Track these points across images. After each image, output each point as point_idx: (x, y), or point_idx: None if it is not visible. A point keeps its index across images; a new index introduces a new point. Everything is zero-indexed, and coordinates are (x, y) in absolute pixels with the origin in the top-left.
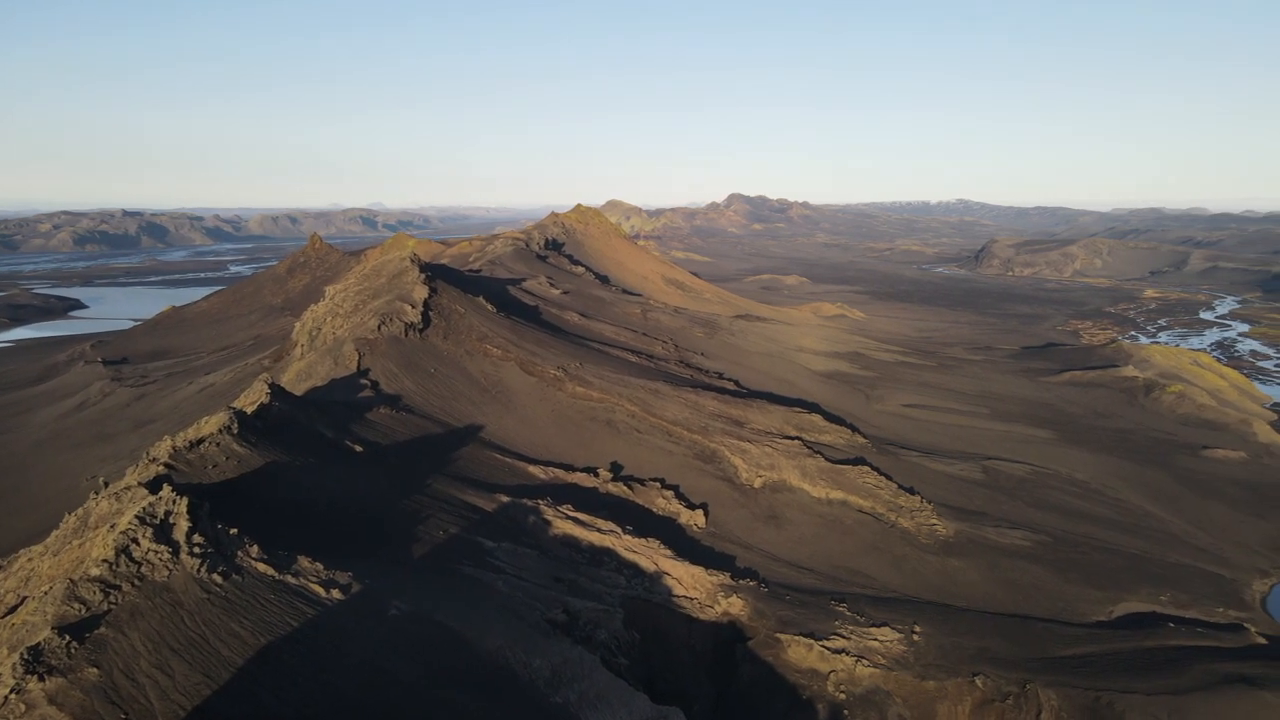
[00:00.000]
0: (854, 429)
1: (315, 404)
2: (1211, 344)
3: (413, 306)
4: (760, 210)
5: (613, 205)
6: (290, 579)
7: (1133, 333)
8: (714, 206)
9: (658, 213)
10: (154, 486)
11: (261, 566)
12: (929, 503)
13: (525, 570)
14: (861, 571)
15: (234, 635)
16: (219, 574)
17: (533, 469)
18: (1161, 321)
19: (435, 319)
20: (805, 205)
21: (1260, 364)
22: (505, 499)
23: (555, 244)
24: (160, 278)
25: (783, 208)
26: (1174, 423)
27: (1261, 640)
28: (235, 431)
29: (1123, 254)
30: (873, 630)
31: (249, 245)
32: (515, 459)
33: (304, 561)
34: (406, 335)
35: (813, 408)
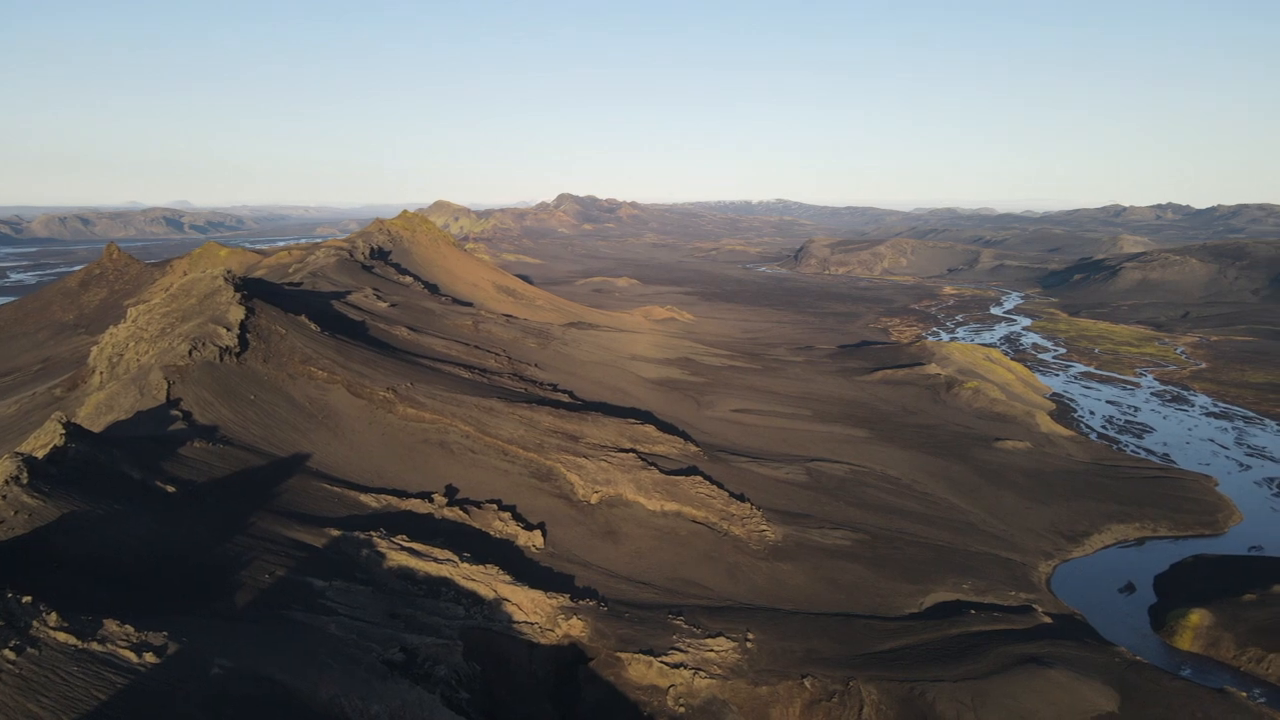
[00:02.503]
0: (687, 438)
1: (119, 442)
2: (1001, 338)
3: (227, 329)
4: (590, 210)
5: (440, 206)
6: (96, 646)
7: (935, 329)
8: (544, 207)
9: (487, 213)
10: None
11: (61, 636)
12: (758, 509)
13: (359, 609)
14: (697, 582)
15: (32, 718)
16: (10, 649)
17: (364, 498)
18: (959, 317)
19: (253, 341)
20: (634, 205)
21: (1041, 356)
22: (336, 533)
23: (381, 253)
24: None
25: (612, 208)
26: (971, 417)
27: (1047, 619)
28: (25, 481)
29: (924, 253)
30: (709, 641)
31: (32, 250)
32: (345, 488)
33: (111, 625)
34: (222, 360)
35: (646, 417)
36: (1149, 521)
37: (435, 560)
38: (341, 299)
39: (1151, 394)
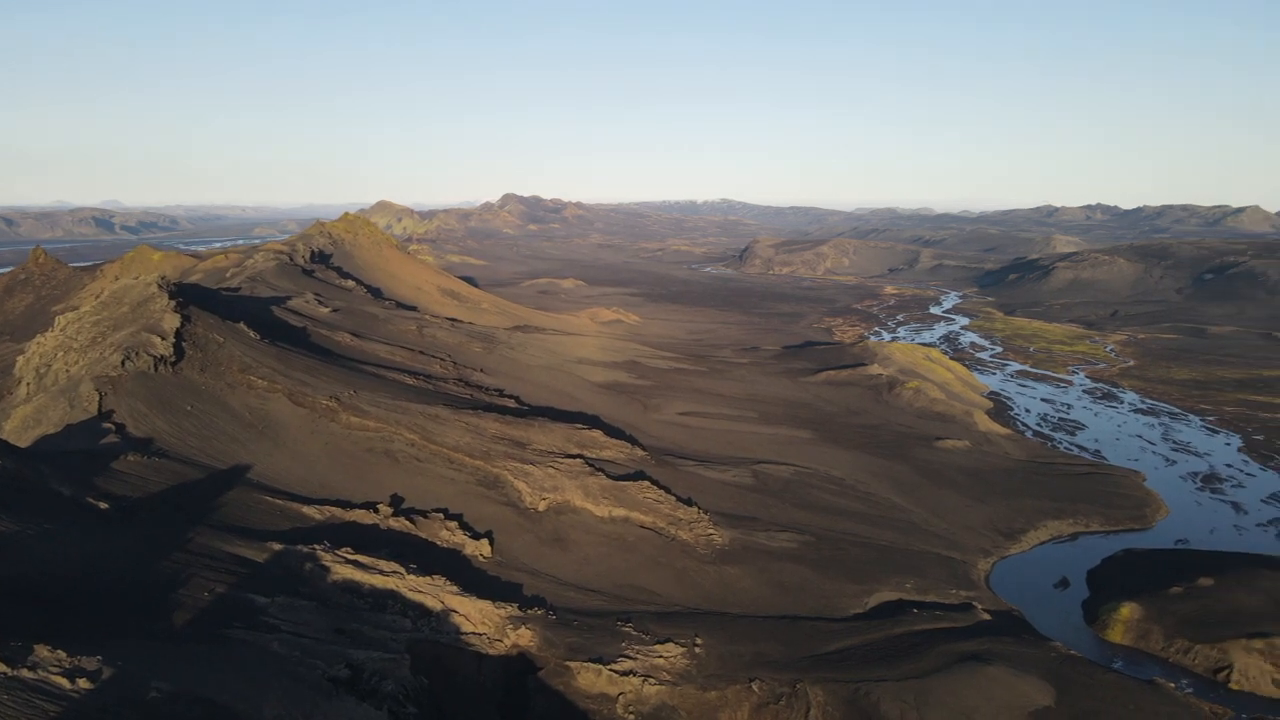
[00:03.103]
0: (634, 442)
1: (48, 457)
2: (940, 338)
3: (162, 338)
4: (535, 210)
5: (383, 206)
6: (26, 674)
7: (877, 329)
8: (489, 207)
9: (431, 214)
10: None
11: None
12: (705, 513)
13: (303, 625)
14: (645, 588)
15: None
16: None
17: (307, 509)
18: (900, 317)
19: (190, 350)
20: (579, 205)
21: (978, 355)
22: (278, 547)
23: (322, 256)
24: None
25: (557, 208)
26: (913, 416)
27: (987, 616)
28: None
29: (866, 253)
30: (658, 648)
31: None
32: (288, 500)
33: (42, 651)
34: (157, 370)
35: (594, 422)
36: (1082, 517)
37: (381, 572)
38: (282, 304)
39: (1083, 391)
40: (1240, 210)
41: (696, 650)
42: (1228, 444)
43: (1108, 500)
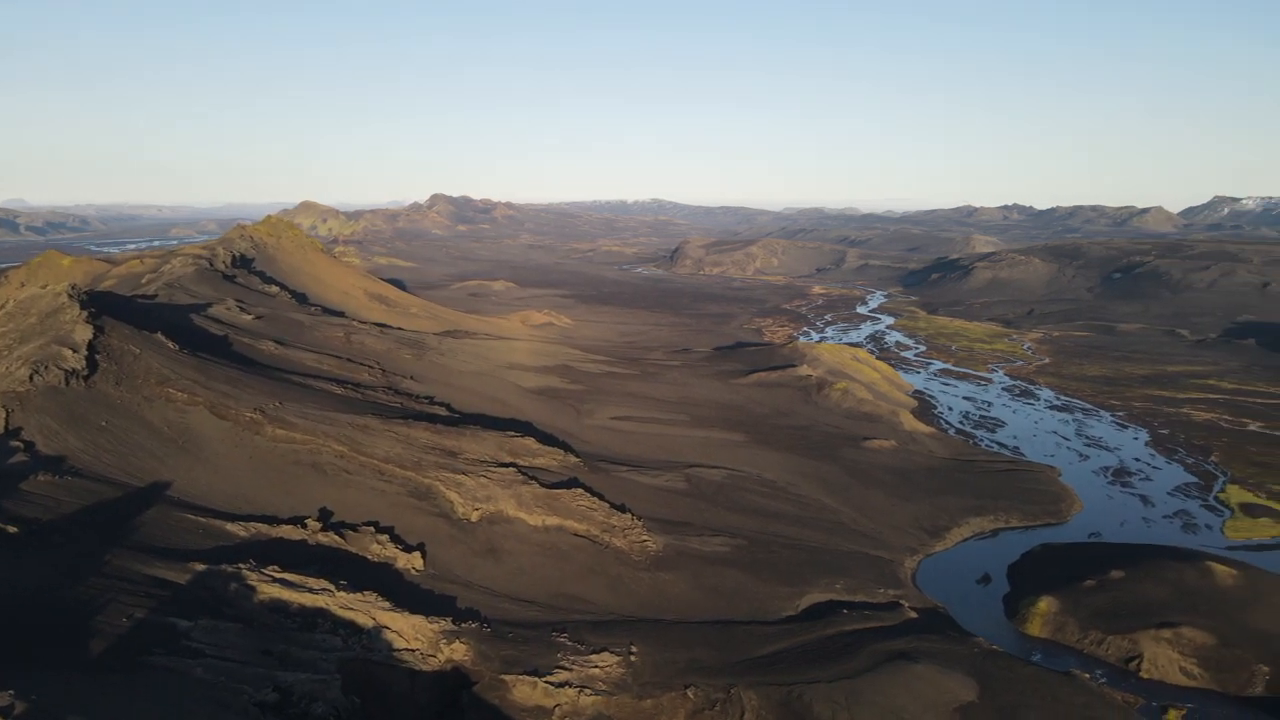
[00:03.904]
0: (567, 448)
1: None
2: (867, 337)
3: (74, 350)
4: (464, 211)
5: (307, 207)
6: None
7: (806, 329)
8: (417, 207)
9: (357, 214)
10: None
11: None
12: (639, 519)
13: (228, 649)
14: (580, 597)
15: None
16: None
17: (231, 527)
18: (828, 316)
19: (103, 363)
20: (509, 205)
21: (903, 354)
22: (201, 567)
23: (244, 260)
24: None
25: (487, 208)
26: (841, 417)
27: (913, 614)
28: None
29: (794, 253)
30: (593, 657)
31: None
32: (211, 517)
33: None
34: (68, 384)
35: (526, 428)
36: (1002, 513)
37: (310, 590)
38: (201, 312)
39: (1003, 389)
40: (1145, 211)
41: (632, 659)
42: (1136, 438)
43: (1026, 496)
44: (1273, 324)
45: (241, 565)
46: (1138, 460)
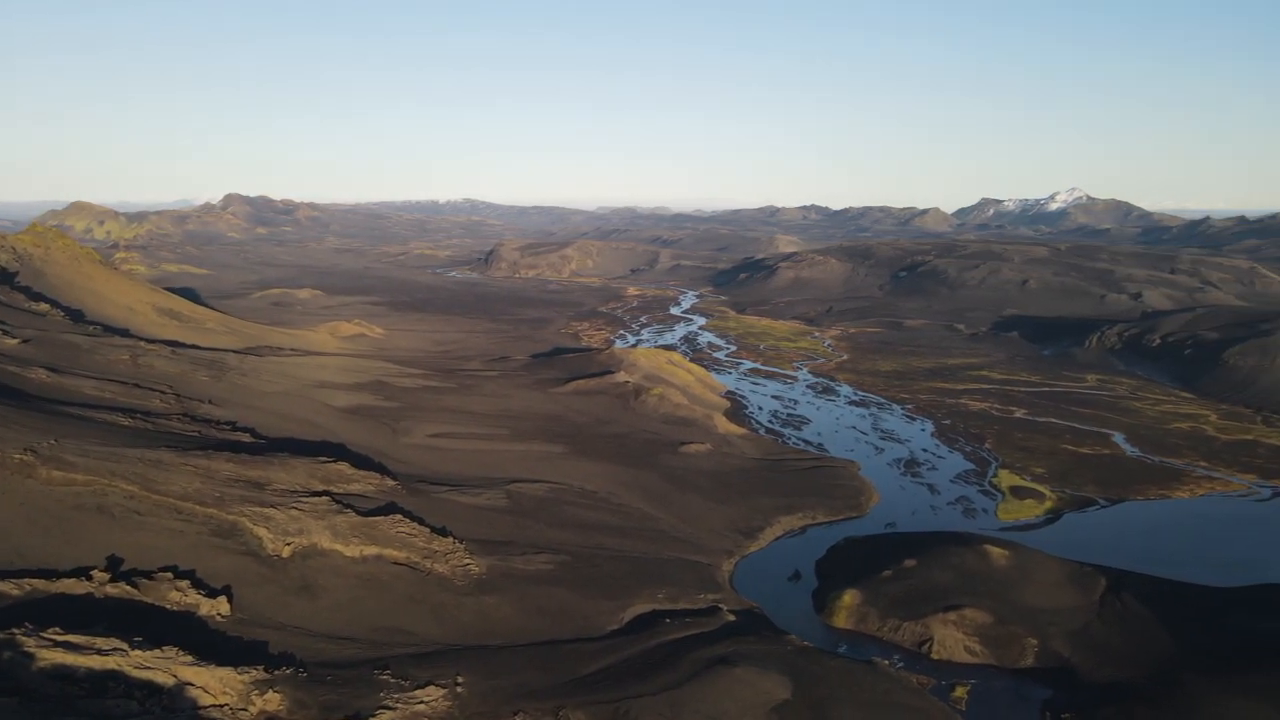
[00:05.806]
0: (384, 470)
1: None
2: (680, 338)
3: None
4: (263, 212)
5: (80, 208)
6: None
7: (622, 332)
8: (209, 208)
9: (141, 216)
10: None
11: None
12: (461, 542)
13: None
14: (403, 629)
15: None
16: None
17: (2, 586)
18: (643, 319)
19: None
20: (313, 206)
21: (715, 355)
22: None
23: (5, 275)
24: None
25: (289, 209)
26: (658, 423)
27: (732, 617)
28: None
29: (609, 254)
30: (418, 693)
31: None
32: None
33: None
34: None
35: (339, 451)
36: (809, 510)
37: (99, 651)
38: None
39: (807, 386)
40: (925, 211)
41: (458, 690)
42: (923, 430)
43: (830, 491)
44: (1032, 317)
45: (15, 630)
46: (925, 451)
